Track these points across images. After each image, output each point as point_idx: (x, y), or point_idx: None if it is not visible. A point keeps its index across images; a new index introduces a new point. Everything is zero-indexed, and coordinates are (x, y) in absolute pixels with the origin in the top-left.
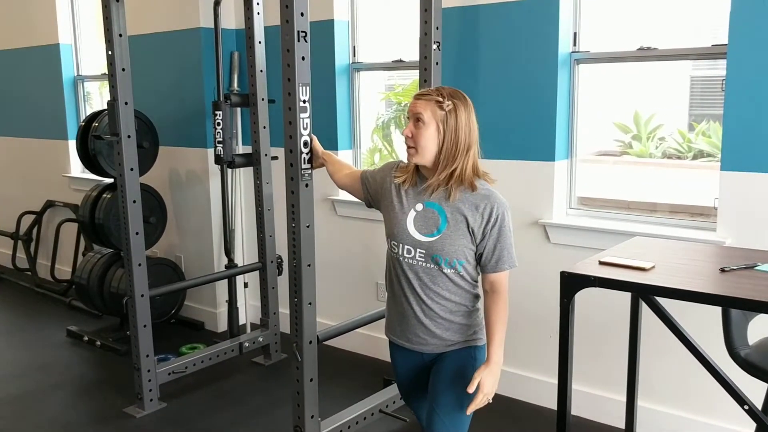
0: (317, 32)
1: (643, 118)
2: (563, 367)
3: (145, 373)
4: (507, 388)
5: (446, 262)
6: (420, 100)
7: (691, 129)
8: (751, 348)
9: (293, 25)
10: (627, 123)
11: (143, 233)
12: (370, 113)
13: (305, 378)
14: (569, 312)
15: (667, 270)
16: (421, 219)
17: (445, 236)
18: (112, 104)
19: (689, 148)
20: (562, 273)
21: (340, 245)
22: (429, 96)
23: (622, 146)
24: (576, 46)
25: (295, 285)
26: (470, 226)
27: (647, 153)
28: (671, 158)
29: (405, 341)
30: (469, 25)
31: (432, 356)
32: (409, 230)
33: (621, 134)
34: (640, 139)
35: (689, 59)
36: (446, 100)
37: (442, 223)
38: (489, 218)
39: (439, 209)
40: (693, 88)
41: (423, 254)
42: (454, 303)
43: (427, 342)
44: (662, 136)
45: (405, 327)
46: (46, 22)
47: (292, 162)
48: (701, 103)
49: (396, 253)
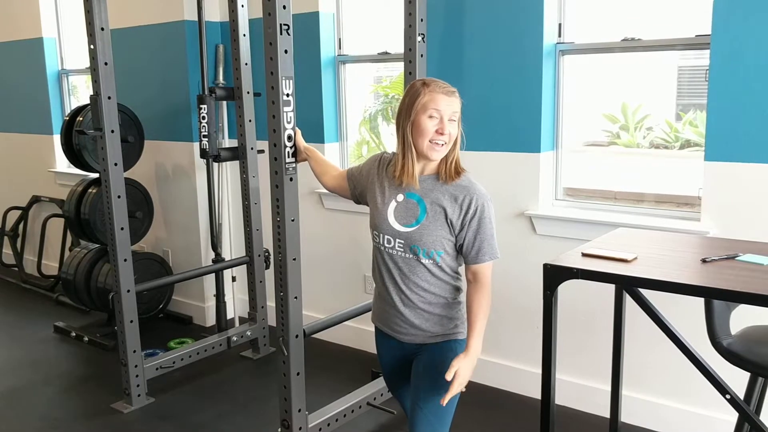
0: (302, 24)
1: (631, 108)
2: (547, 358)
3: (133, 369)
4: (493, 378)
5: (424, 253)
6: (455, 98)
7: (678, 119)
8: (733, 338)
9: (275, 17)
10: (615, 113)
11: (128, 228)
12: (356, 106)
13: (292, 372)
14: (552, 304)
15: (649, 261)
16: (401, 209)
17: (423, 227)
18: (95, 99)
19: (676, 138)
20: (545, 265)
21: (328, 238)
22: (454, 93)
23: (610, 136)
24: (561, 37)
25: (280, 279)
26: (449, 218)
27: (635, 143)
28: (659, 148)
29: (388, 329)
30: (454, 17)
31: (413, 347)
32: (389, 220)
33: (609, 124)
34: (628, 129)
35: (673, 50)
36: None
37: (421, 213)
38: (468, 209)
39: (419, 200)
40: (680, 77)
41: (402, 244)
42: (432, 294)
43: (408, 332)
44: (650, 126)
45: (387, 316)
46: (29, 16)
47: (276, 156)
48: (689, 93)
49: (378, 243)
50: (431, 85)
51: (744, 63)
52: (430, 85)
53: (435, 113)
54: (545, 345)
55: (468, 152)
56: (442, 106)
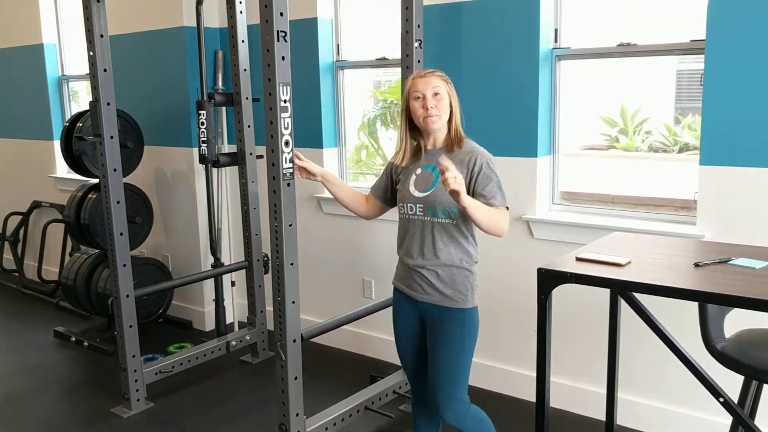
0: (301, 30)
1: (630, 111)
2: (541, 361)
3: (132, 374)
4: (491, 382)
5: (440, 211)
6: (432, 77)
7: (677, 122)
8: (727, 341)
9: (273, 24)
10: (614, 117)
11: (128, 234)
12: (355, 111)
13: (290, 376)
14: (546, 308)
15: (643, 265)
16: (419, 180)
17: (437, 189)
18: (95, 105)
19: (675, 142)
20: (539, 270)
21: (327, 243)
22: (434, 73)
23: (609, 140)
24: (557, 42)
25: (278, 284)
26: None
27: (634, 147)
28: (657, 152)
29: (407, 288)
30: (451, 23)
31: (426, 307)
32: (410, 190)
33: (608, 128)
34: (627, 133)
35: (669, 55)
36: (444, 75)
37: (435, 179)
38: (473, 167)
39: (433, 169)
40: (679, 81)
41: (422, 208)
42: (447, 254)
43: (424, 290)
44: (648, 130)
45: (406, 275)
46: (29, 22)
47: (273, 161)
48: (687, 97)
49: (403, 213)
50: (413, 74)
51: (738, 67)
52: (413, 74)
53: (418, 94)
54: (540, 348)
55: None
56: (420, 86)
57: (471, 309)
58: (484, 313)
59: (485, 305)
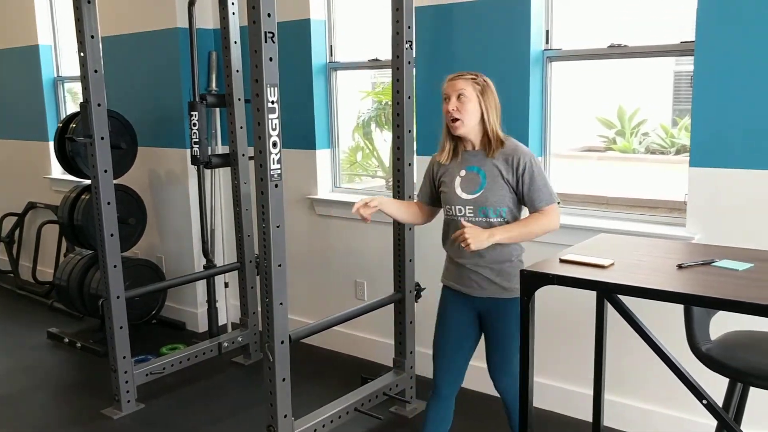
0: (293, 31)
1: (627, 113)
2: (524, 363)
3: (122, 375)
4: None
5: (492, 211)
6: (459, 80)
7: (674, 124)
8: (712, 343)
9: (260, 25)
10: (611, 118)
11: (118, 235)
12: (349, 112)
13: (277, 378)
14: (529, 310)
15: (626, 267)
16: (465, 182)
17: (486, 190)
18: (85, 106)
19: (672, 143)
20: (521, 271)
21: (320, 244)
22: (464, 76)
23: (606, 142)
24: (548, 43)
25: (266, 285)
26: (504, 177)
27: (631, 148)
28: (654, 153)
29: (460, 285)
30: (442, 24)
31: (481, 301)
32: (457, 192)
33: (605, 130)
34: (624, 135)
35: (659, 56)
36: (479, 77)
37: (482, 180)
38: (518, 167)
39: (478, 170)
40: (677, 83)
41: (472, 210)
42: (500, 251)
43: (481, 286)
44: (646, 132)
45: (459, 273)
46: (24, 23)
47: (261, 162)
48: (685, 98)
49: (451, 215)
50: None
51: (727, 69)
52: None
53: (446, 97)
54: (523, 350)
55: None
56: (448, 89)
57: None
58: None
59: None
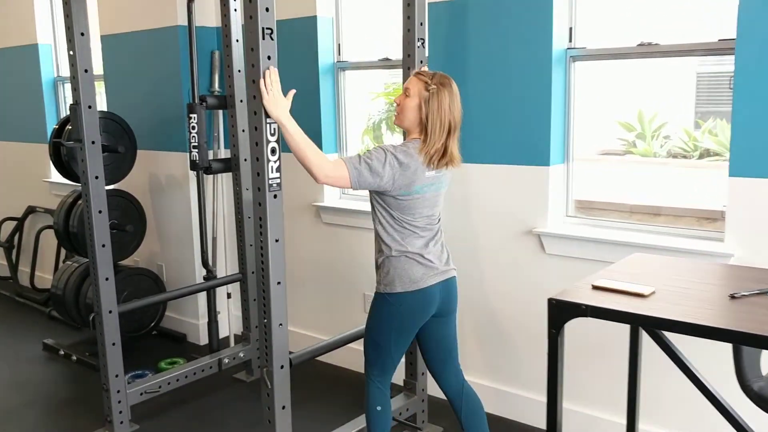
0: (299, 29)
1: (647, 115)
2: (552, 400)
3: (115, 394)
4: (502, 408)
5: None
6: (413, 77)
7: (697, 127)
8: (765, 380)
9: (257, 21)
10: (631, 121)
11: (110, 245)
12: (357, 114)
13: (276, 406)
14: (558, 344)
15: (669, 296)
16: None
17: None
18: (75, 108)
19: (695, 147)
20: (549, 300)
21: (326, 254)
22: (422, 76)
23: (625, 145)
24: (572, 42)
25: (264, 304)
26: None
27: (651, 152)
28: (676, 157)
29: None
30: (456, 21)
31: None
32: None
33: (624, 133)
34: (645, 138)
35: (693, 55)
36: (432, 84)
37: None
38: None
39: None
40: (699, 84)
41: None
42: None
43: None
44: (667, 135)
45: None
46: (23, 22)
47: (258, 171)
48: (708, 100)
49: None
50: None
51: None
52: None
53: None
54: (551, 386)
55: (472, 164)
56: (405, 82)
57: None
58: (493, 332)
59: (495, 324)
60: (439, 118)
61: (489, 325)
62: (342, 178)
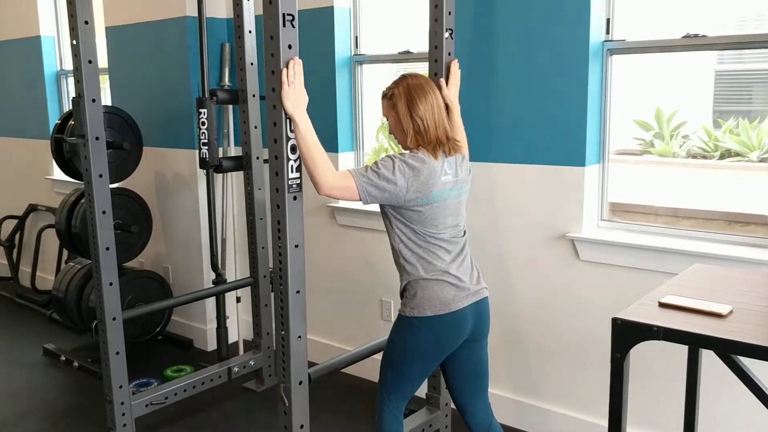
0: (315, 21)
1: (665, 114)
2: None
3: (119, 406)
4: (534, 425)
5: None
6: (382, 101)
7: (716, 126)
8: None
9: (277, 6)
10: (648, 120)
11: (115, 248)
12: (375, 110)
13: (294, 424)
14: (624, 370)
15: (749, 315)
16: None
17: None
18: (77, 102)
19: (716, 147)
20: (614, 320)
21: (341, 258)
22: (383, 92)
23: (642, 145)
24: (609, 34)
25: (281, 315)
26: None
27: (670, 152)
28: (696, 158)
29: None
30: (485, 10)
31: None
32: None
33: (641, 132)
34: (663, 137)
35: (744, 48)
36: (389, 92)
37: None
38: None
39: None
40: (717, 82)
41: None
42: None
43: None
44: (686, 134)
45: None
46: (26, 13)
47: (277, 170)
48: (727, 99)
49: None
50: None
51: None
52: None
53: None
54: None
55: (504, 164)
56: None
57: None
58: (521, 343)
59: (523, 334)
60: (417, 115)
61: (516, 336)
62: (348, 189)
